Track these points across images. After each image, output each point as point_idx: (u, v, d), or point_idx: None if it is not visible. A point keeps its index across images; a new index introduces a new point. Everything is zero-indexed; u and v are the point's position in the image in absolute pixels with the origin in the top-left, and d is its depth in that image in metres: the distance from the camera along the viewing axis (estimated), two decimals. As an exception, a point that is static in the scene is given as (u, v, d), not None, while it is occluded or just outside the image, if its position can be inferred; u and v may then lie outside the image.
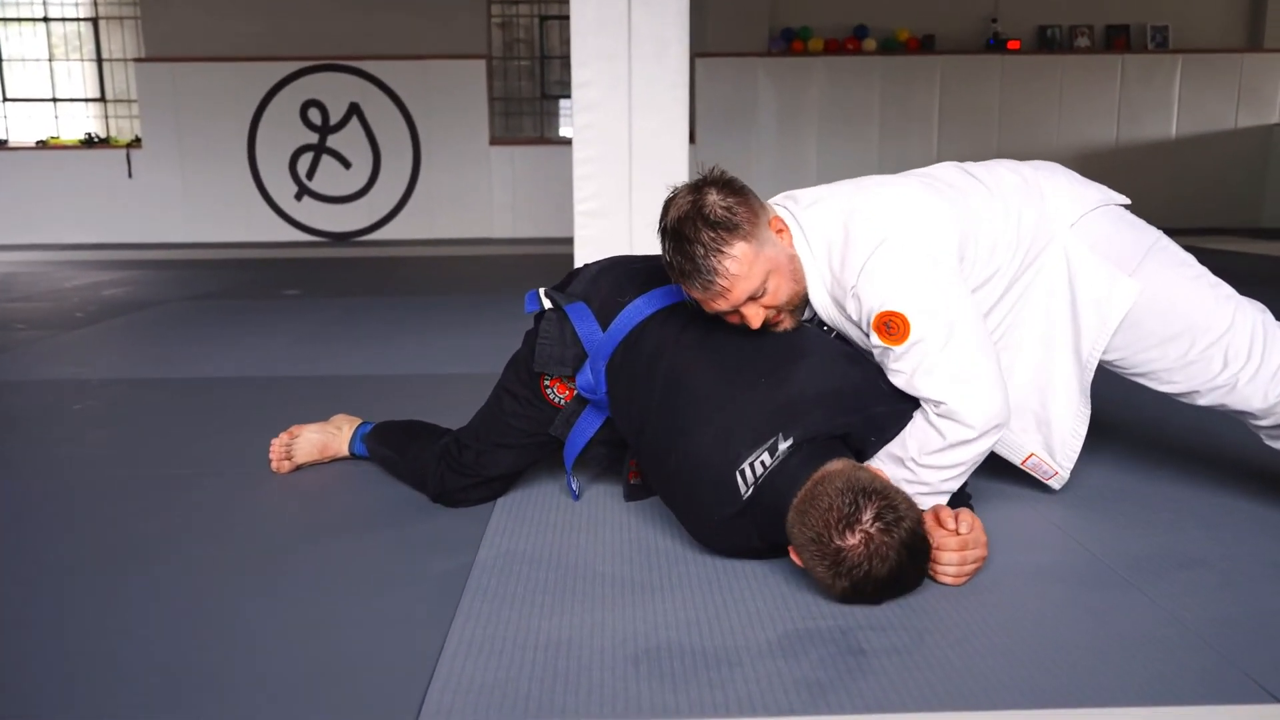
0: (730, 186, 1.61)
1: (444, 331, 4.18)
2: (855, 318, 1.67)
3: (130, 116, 10.26)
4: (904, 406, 1.60)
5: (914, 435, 1.63)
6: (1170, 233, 1.97)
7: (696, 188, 1.61)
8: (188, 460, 2.28)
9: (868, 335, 1.65)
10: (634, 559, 1.67)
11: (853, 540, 1.36)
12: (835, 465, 1.46)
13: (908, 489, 1.59)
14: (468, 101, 9.50)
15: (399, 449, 2.05)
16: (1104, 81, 9.47)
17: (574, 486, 1.94)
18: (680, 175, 4.42)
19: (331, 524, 1.87)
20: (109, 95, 10.43)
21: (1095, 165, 9.24)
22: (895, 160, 8.51)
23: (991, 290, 1.77)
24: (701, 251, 1.56)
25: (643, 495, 1.93)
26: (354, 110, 9.53)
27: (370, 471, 2.15)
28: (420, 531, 1.82)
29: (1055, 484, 1.93)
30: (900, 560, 1.38)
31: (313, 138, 9.56)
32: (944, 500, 1.66)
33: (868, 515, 1.36)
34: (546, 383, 1.83)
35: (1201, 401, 1.78)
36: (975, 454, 1.62)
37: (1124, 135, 9.59)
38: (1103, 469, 2.12)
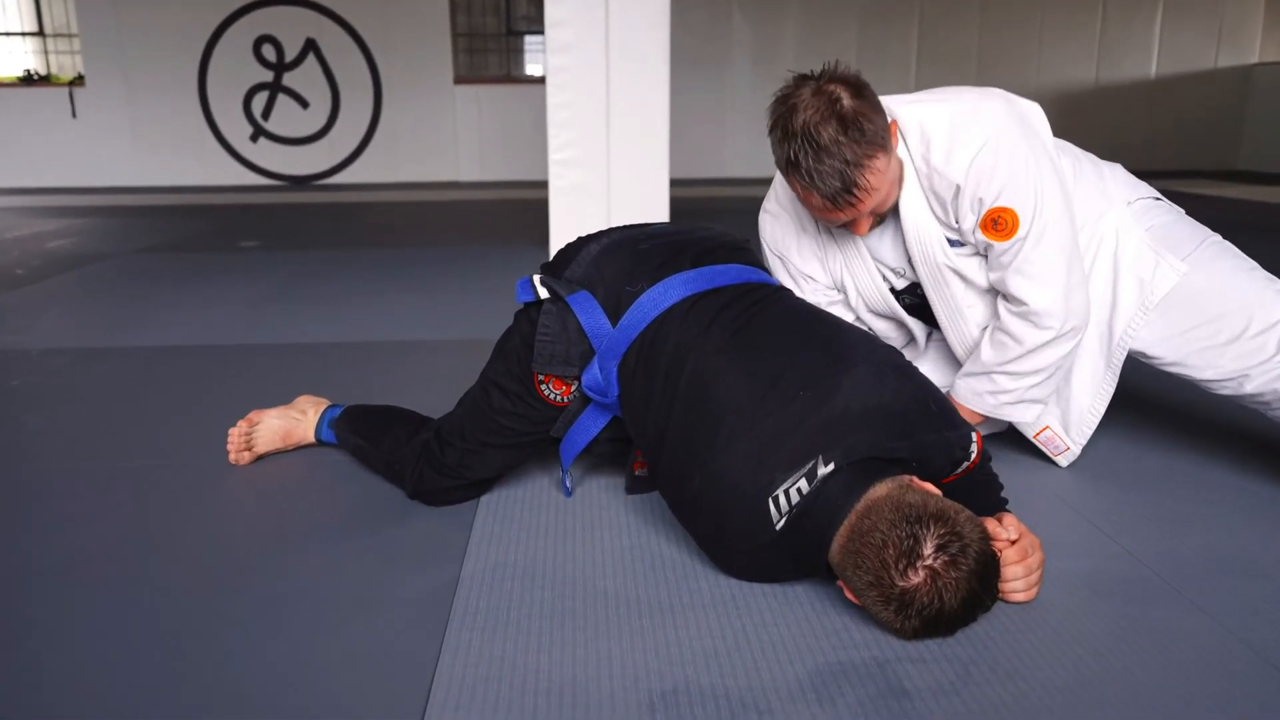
0: (861, 91, 1.52)
1: (413, 290, 3.95)
2: (953, 217, 1.67)
3: (71, 52, 9.73)
4: (950, 435, 1.39)
5: (992, 345, 1.72)
6: (1146, 175, 2.06)
7: (820, 90, 1.50)
8: (136, 448, 2.07)
9: (967, 232, 1.66)
10: (639, 572, 1.50)
11: (917, 579, 1.19)
12: (880, 490, 1.27)
13: (991, 401, 1.76)
14: (430, 36, 9.10)
15: (372, 438, 1.86)
16: (1085, 21, 9.28)
17: (567, 484, 1.76)
18: (661, 124, 4.18)
19: (296, 530, 1.68)
20: (47, 29, 9.86)
21: (1074, 106, 9.10)
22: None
23: None
24: (842, 165, 1.48)
25: (646, 489, 1.77)
26: (310, 46, 9.10)
27: (339, 463, 1.96)
28: (396, 538, 1.63)
29: (1064, 460, 1.89)
30: (972, 589, 1.21)
31: (267, 75, 9.13)
32: (1036, 410, 1.78)
33: (929, 548, 1.18)
34: (541, 378, 1.61)
35: (1249, 387, 1.69)
36: (1057, 357, 1.71)
37: (1103, 76, 9.44)
38: (1132, 450, 1.99)
